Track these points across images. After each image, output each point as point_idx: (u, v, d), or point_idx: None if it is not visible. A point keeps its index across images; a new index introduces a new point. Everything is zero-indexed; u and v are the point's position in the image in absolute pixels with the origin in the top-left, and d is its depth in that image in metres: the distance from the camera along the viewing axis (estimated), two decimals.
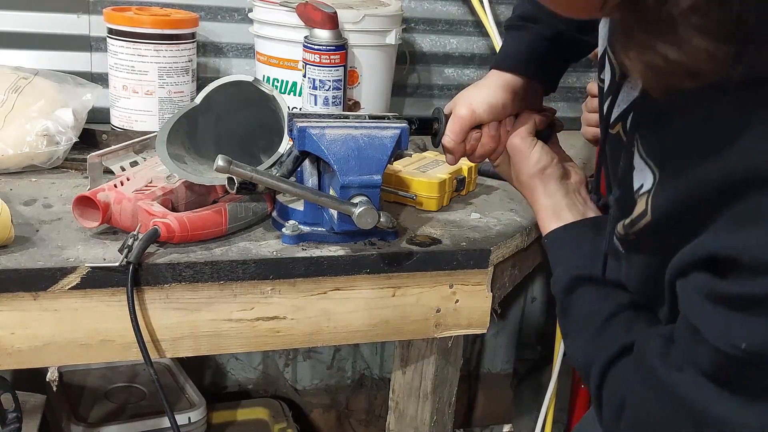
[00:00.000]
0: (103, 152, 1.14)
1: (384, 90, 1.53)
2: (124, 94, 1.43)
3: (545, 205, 0.99)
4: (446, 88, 1.83)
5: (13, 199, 1.13)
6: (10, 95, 1.27)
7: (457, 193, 1.28)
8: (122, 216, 1.02)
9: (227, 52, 1.64)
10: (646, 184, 0.73)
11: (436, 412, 1.32)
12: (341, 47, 1.32)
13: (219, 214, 1.04)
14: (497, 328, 2.23)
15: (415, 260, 1.07)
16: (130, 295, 0.94)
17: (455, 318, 1.14)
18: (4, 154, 1.22)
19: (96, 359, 1.00)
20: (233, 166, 0.94)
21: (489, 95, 1.04)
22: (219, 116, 1.17)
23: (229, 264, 0.99)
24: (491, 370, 2.29)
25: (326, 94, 1.33)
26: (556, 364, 1.62)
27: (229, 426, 1.88)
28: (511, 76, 1.05)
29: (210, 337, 1.03)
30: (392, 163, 1.27)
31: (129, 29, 1.39)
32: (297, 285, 1.04)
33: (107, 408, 1.65)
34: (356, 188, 1.00)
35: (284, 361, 2.05)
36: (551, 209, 0.99)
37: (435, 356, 1.27)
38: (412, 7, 1.74)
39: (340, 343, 1.15)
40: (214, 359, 1.97)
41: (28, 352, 0.96)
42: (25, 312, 0.94)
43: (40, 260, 0.94)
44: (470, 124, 1.03)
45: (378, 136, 1.03)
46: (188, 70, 1.46)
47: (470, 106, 1.03)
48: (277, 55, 1.44)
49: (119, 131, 1.43)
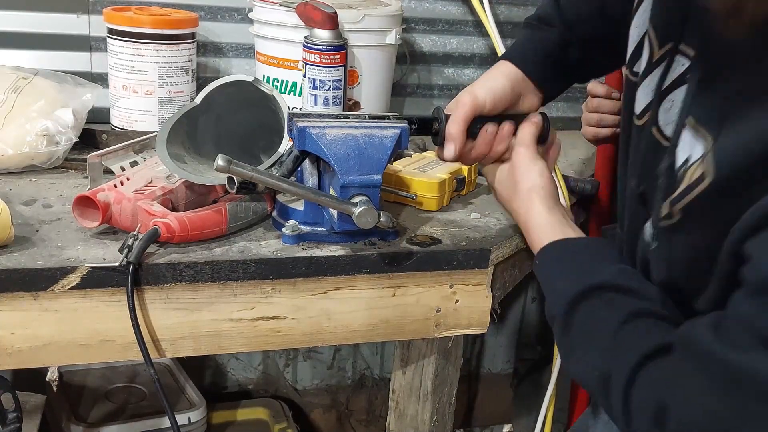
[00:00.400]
0: (103, 152, 1.14)
1: (384, 90, 1.53)
2: (124, 94, 1.43)
3: (545, 221, 0.95)
4: (446, 88, 1.83)
5: (13, 199, 1.13)
6: (9, 95, 1.27)
7: (457, 193, 1.28)
8: (122, 216, 1.02)
9: (227, 52, 1.64)
10: (696, 153, 0.70)
11: (436, 412, 1.32)
12: (341, 47, 1.32)
13: (219, 214, 1.04)
14: (497, 328, 2.23)
15: (415, 260, 1.07)
16: (130, 295, 0.94)
17: (455, 318, 1.14)
18: (4, 154, 1.22)
19: (96, 359, 1.00)
20: (233, 166, 0.94)
21: (490, 81, 1.04)
22: (219, 116, 1.17)
23: (230, 264, 0.99)
24: (491, 370, 2.29)
25: (326, 94, 1.33)
26: (556, 364, 1.62)
27: (229, 426, 1.88)
28: (515, 69, 1.05)
29: (210, 337, 1.03)
30: (392, 163, 1.27)
31: (129, 29, 1.39)
32: (297, 285, 1.04)
33: (107, 408, 1.65)
34: (356, 188, 1.00)
35: (284, 361, 2.05)
36: (551, 225, 0.94)
37: (435, 356, 1.27)
38: (412, 7, 1.74)
39: (340, 343, 1.15)
40: (214, 359, 1.97)
41: (28, 352, 0.96)
42: (25, 312, 0.94)
43: (40, 260, 0.94)
44: (473, 110, 1.02)
45: (378, 135, 1.03)
46: (188, 70, 1.46)
47: (472, 92, 1.03)
48: (277, 55, 1.44)
49: (119, 131, 1.43)
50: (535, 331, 2.25)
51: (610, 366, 0.76)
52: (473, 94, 1.02)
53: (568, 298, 0.84)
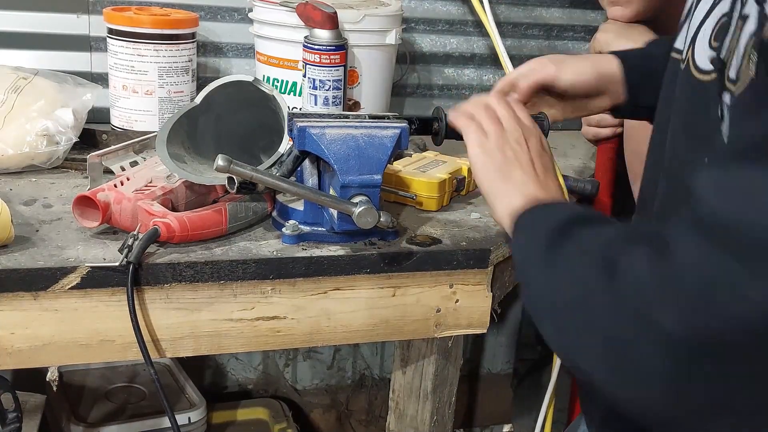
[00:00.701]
0: (103, 152, 1.14)
1: (384, 90, 1.53)
2: (124, 94, 1.43)
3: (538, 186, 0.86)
4: (446, 88, 1.83)
5: (13, 199, 1.13)
6: (10, 95, 1.27)
7: (457, 193, 1.28)
8: (122, 216, 1.02)
9: (227, 52, 1.64)
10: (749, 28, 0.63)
11: (436, 412, 1.32)
12: (341, 47, 1.32)
13: (219, 214, 1.04)
14: (497, 328, 2.23)
15: (415, 260, 1.07)
16: (130, 294, 0.94)
17: (455, 318, 1.14)
18: (4, 154, 1.22)
19: (96, 359, 1.00)
20: (233, 166, 0.94)
21: (581, 63, 1.01)
22: (219, 116, 1.17)
23: (230, 264, 0.99)
24: (491, 370, 2.29)
25: (326, 94, 1.33)
26: (556, 364, 1.62)
27: (229, 426, 1.88)
28: (615, 63, 1.02)
29: (210, 336, 1.03)
30: (392, 163, 1.27)
31: (129, 29, 1.39)
32: (297, 285, 1.04)
33: (107, 408, 1.65)
34: (356, 188, 1.00)
35: (284, 361, 2.05)
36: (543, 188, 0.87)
37: (435, 356, 1.27)
38: (412, 7, 1.74)
39: (340, 342, 1.15)
40: (214, 359, 1.97)
41: (28, 351, 0.96)
42: (25, 312, 0.94)
43: (40, 260, 0.94)
44: (543, 78, 1.00)
45: (378, 135, 1.03)
46: (188, 70, 1.46)
47: (558, 61, 1.00)
48: (277, 55, 1.44)
49: (119, 131, 1.43)
50: (535, 331, 2.22)
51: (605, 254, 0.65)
52: (557, 62, 0.99)
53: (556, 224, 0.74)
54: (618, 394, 0.65)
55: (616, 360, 0.62)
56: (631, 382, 0.62)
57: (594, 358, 0.65)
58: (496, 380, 2.28)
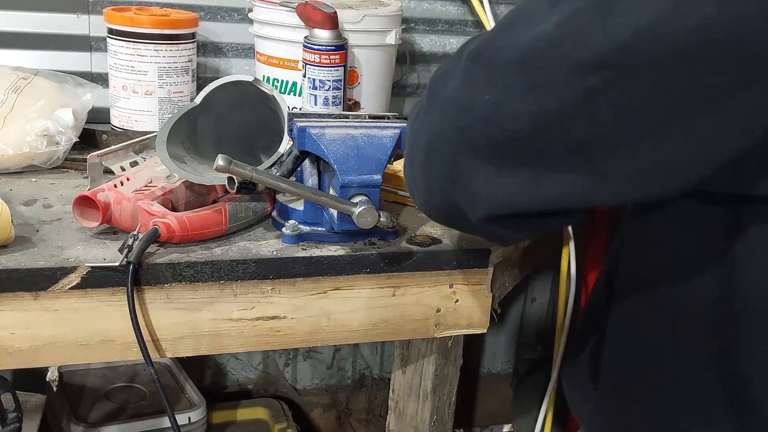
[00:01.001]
0: (103, 152, 1.14)
1: (384, 90, 1.53)
2: (124, 94, 1.43)
3: None
4: None
5: (13, 199, 1.13)
6: (10, 95, 1.27)
7: None
8: (122, 216, 1.02)
9: (227, 52, 1.64)
10: None
11: (436, 411, 1.32)
12: (341, 47, 1.32)
13: (219, 214, 1.04)
14: (497, 328, 2.23)
15: (415, 260, 1.07)
16: (130, 294, 0.94)
17: (455, 318, 1.14)
18: (4, 154, 1.22)
19: (96, 359, 1.00)
20: (233, 166, 0.94)
21: None
22: (219, 116, 1.17)
23: (229, 264, 0.99)
24: (491, 370, 2.29)
25: (326, 94, 1.33)
26: (556, 364, 1.62)
27: (229, 426, 1.88)
28: None
29: (210, 336, 1.03)
30: (392, 163, 1.27)
31: (129, 29, 1.39)
32: (297, 285, 1.04)
33: (107, 408, 1.65)
34: (356, 188, 1.00)
35: (284, 361, 2.05)
36: None
37: (435, 356, 1.27)
38: (412, 7, 1.74)
39: (340, 342, 1.15)
40: (214, 359, 1.97)
41: (28, 351, 0.96)
42: (25, 312, 0.94)
43: (41, 260, 0.94)
44: None
45: (378, 135, 1.03)
46: (188, 70, 1.46)
47: None
48: (277, 55, 1.44)
49: (119, 131, 1.43)
50: (535, 331, 2.25)
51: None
52: None
53: None
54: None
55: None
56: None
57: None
58: (496, 380, 2.28)
